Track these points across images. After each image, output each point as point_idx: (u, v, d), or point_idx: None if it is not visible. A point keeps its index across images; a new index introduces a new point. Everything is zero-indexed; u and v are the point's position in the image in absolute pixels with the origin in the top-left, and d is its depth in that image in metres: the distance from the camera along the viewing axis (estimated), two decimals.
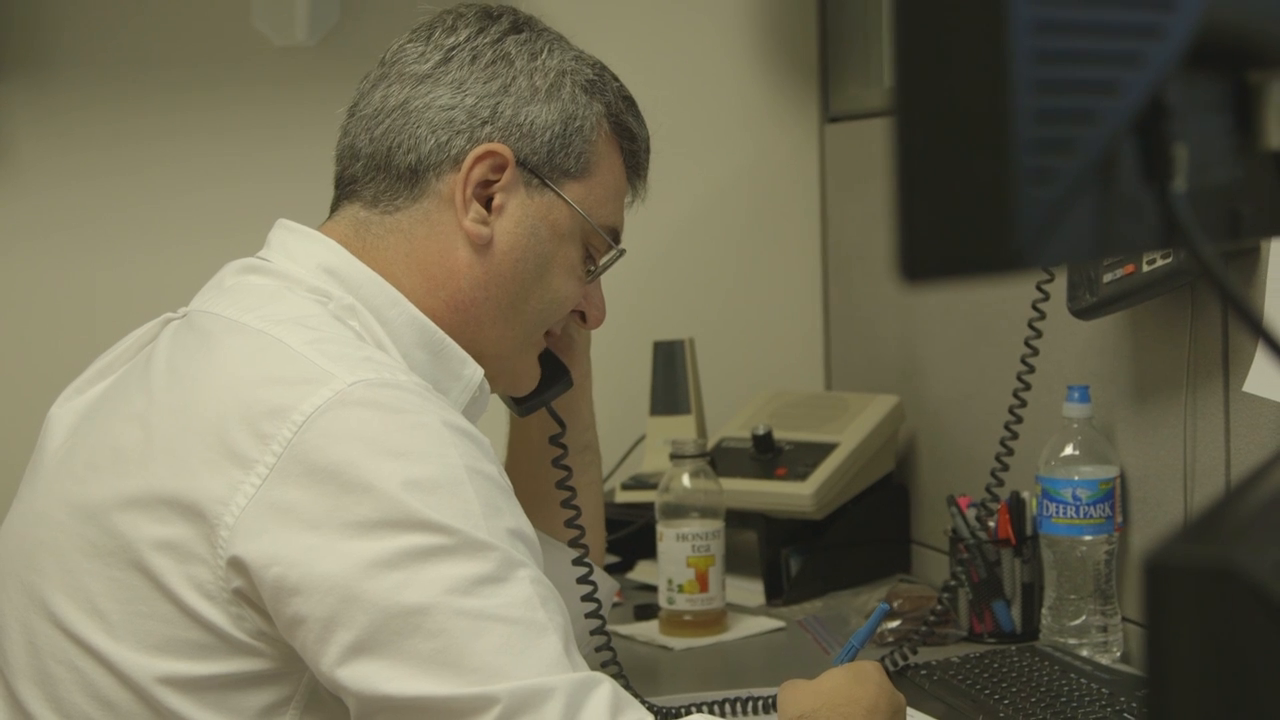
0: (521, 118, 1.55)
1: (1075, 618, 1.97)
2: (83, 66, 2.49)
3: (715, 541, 2.15)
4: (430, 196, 1.54)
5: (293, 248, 1.53)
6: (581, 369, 1.85)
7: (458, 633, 1.25)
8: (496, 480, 1.35)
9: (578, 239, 1.60)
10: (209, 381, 1.37)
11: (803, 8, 2.77)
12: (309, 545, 1.28)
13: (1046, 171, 0.58)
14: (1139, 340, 1.96)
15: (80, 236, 2.50)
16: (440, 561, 1.27)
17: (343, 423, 1.31)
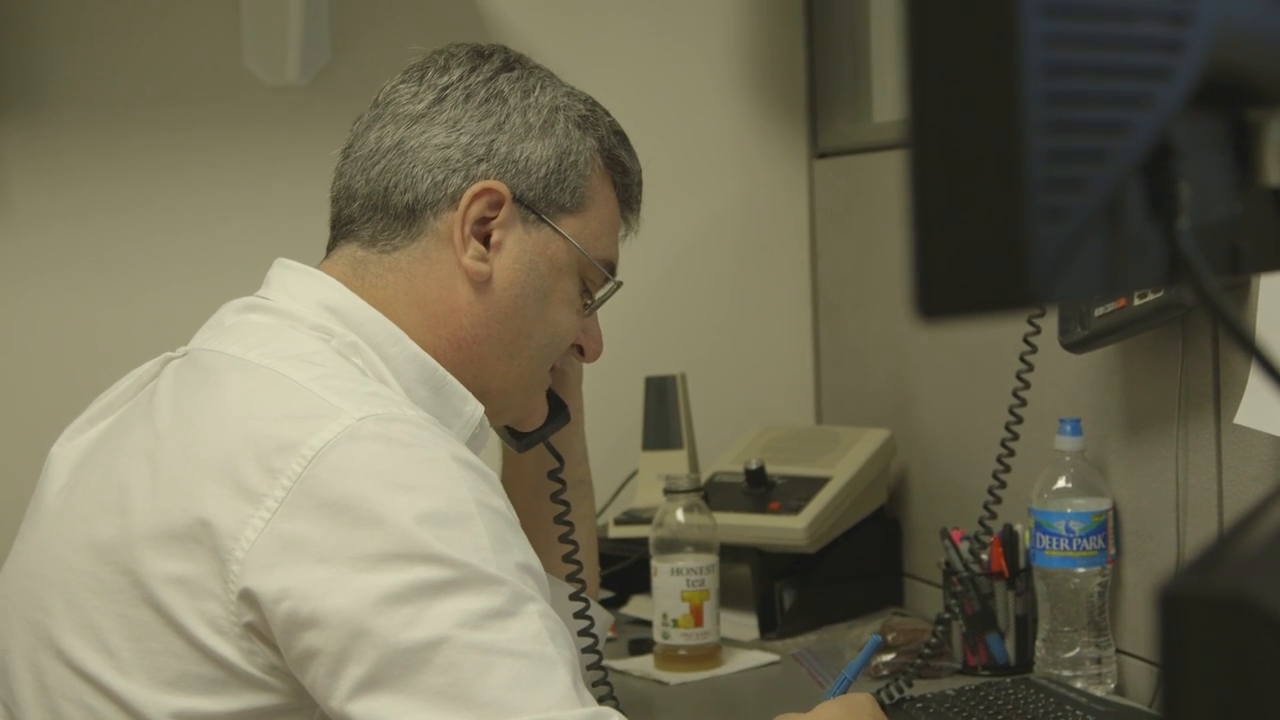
0: (517, 154, 1.57)
1: (1069, 650, 1.98)
2: (75, 107, 2.49)
3: (709, 576, 2.16)
4: (428, 235, 1.55)
5: (293, 286, 1.54)
6: (575, 404, 1.86)
7: (468, 667, 1.26)
8: (505, 515, 1.36)
9: (575, 273, 1.61)
10: (216, 417, 1.38)
11: (790, 44, 2.79)
12: (320, 579, 1.28)
13: (1059, 210, 0.60)
14: (1130, 373, 1.97)
15: (74, 276, 2.50)
16: (451, 596, 1.28)
17: (352, 457, 1.31)
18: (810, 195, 2.80)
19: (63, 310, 2.50)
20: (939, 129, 0.59)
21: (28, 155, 2.48)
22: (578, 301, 1.63)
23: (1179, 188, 0.69)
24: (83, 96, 2.50)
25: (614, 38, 2.73)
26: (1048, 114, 0.59)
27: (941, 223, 0.60)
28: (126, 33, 2.52)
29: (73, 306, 2.50)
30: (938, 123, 0.59)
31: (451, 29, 2.61)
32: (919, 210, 0.60)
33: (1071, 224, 0.60)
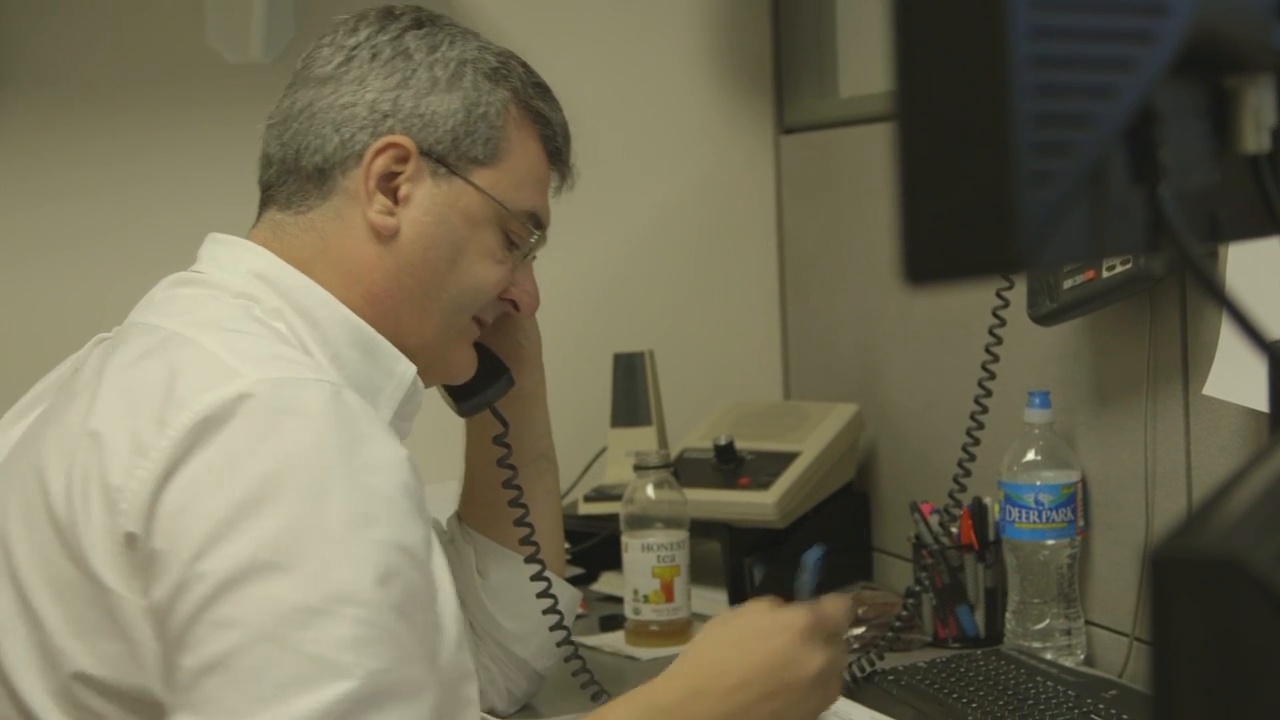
0: (422, 108, 1.58)
1: (1039, 621, 1.98)
2: (38, 89, 2.48)
3: (680, 552, 2.16)
4: (339, 194, 1.57)
5: (222, 257, 1.56)
6: (534, 377, 1.86)
7: (253, 658, 1.26)
8: (378, 491, 1.33)
9: (493, 224, 1.61)
10: (125, 379, 1.39)
11: (756, 20, 2.79)
12: (175, 532, 1.29)
13: (1046, 175, 0.60)
14: (1099, 345, 1.98)
15: (40, 258, 2.49)
16: (266, 581, 1.27)
17: (235, 420, 1.31)
18: (777, 171, 2.80)
19: (31, 290, 2.48)
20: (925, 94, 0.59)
21: None
22: (499, 253, 1.63)
23: (1161, 153, 0.69)
24: (45, 79, 2.48)
25: (579, 14, 2.72)
26: (1034, 78, 0.59)
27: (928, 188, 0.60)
28: (90, 12, 2.50)
29: (41, 287, 2.48)
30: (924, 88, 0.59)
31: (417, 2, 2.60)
32: (906, 176, 0.60)
33: (1058, 188, 0.60)
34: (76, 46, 2.50)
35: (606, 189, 2.74)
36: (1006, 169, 0.58)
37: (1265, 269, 1.57)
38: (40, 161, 2.49)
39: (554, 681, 1.94)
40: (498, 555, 1.87)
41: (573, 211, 2.72)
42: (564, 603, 1.85)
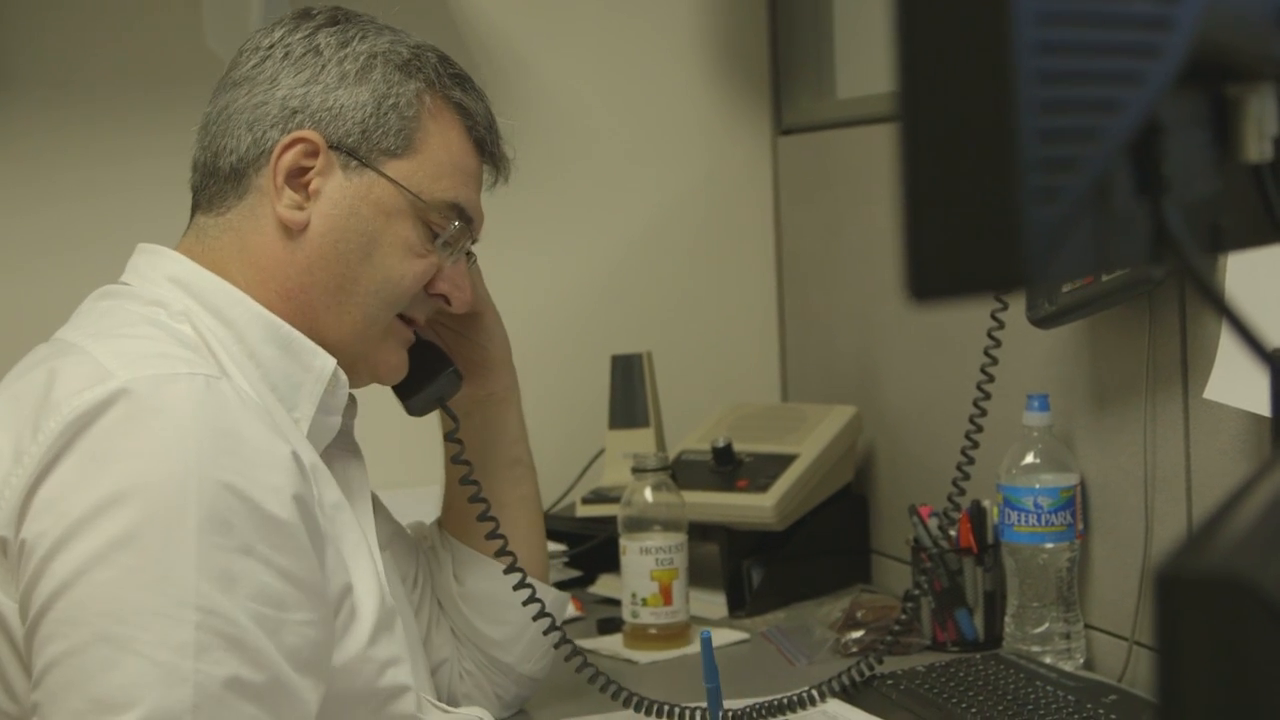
0: (330, 102, 1.58)
1: (1038, 625, 1.98)
2: (37, 89, 2.47)
3: (678, 554, 2.16)
4: (253, 192, 1.58)
5: (142, 267, 1.59)
6: (504, 381, 1.85)
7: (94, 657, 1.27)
8: (242, 490, 1.34)
9: (409, 216, 1.61)
10: (9, 390, 1.43)
11: (754, 22, 2.79)
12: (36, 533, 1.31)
13: (1051, 190, 0.59)
14: (1098, 349, 1.97)
15: (35, 259, 2.48)
16: (114, 579, 1.28)
17: (103, 420, 1.33)
18: (774, 172, 2.80)
19: (33, 292, 2.47)
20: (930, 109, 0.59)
21: None
22: (419, 246, 1.62)
23: (1165, 165, 0.68)
24: (44, 80, 2.48)
25: (577, 17, 2.72)
26: (1040, 93, 0.58)
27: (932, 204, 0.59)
28: (90, 14, 2.49)
29: (45, 289, 2.47)
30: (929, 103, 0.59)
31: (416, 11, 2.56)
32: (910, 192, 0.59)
33: (1063, 203, 0.60)
34: (78, 49, 2.49)
35: (604, 190, 2.74)
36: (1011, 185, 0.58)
37: (1265, 275, 1.57)
38: (40, 162, 2.48)
39: (554, 684, 1.93)
40: (473, 561, 1.87)
41: (571, 213, 2.73)
42: (551, 605, 1.84)
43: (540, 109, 2.66)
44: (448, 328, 1.80)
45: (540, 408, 2.09)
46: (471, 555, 1.86)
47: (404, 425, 1.90)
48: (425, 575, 1.86)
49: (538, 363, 2.25)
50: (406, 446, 2.12)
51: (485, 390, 1.83)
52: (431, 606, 1.85)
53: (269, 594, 1.33)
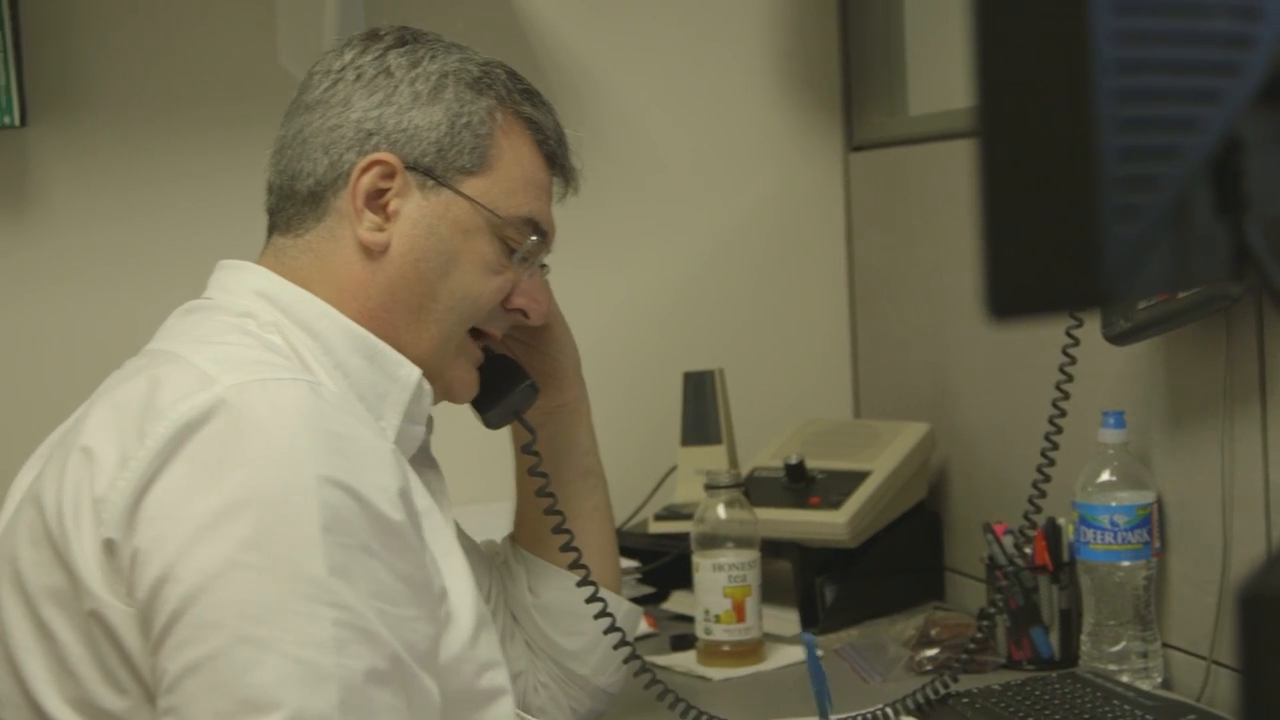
0: (405, 123, 1.60)
1: (1115, 644, 1.97)
2: (112, 108, 2.50)
3: (751, 571, 2.16)
4: (332, 214, 1.60)
5: (227, 281, 1.61)
6: (574, 392, 1.86)
7: (235, 660, 1.29)
8: (356, 493, 1.35)
9: (486, 233, 1.62)
10: (111, 397, 1.44)
11: (825, 37, 2.79)
12: (151, 537, 1.32)
13: (1131, 209, 0.59)
14: (1174, 365, 1.96)
15: (113, 276, 2.51)
16: (243, 581, 1.30)
17: (210, 424, 1.35)
18: (846, 189, 2.79)
19: (103, 310, 2.50)
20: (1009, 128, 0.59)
21: (66, 156, 2.49)
22: (496, 262, 1.63)
23: (1245, 183, 0.68)
24: (119, 98, 2.51)
25: (648, 33, 2.73)
26: (1120, 112, 0.58)
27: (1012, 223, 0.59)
28: (163, 33, 2.52)
29: (113, 306, 2.50)
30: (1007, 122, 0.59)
31: (487, 27, 2.61)
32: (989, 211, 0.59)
33: (1143, 222, 0.59)
34: (151, 68, 2.52)
35: (675, 206, 2.74)
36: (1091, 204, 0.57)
37: None
38: (113, 179, 2.51)
39: (625, 699, 1.93)
40: (546, 573, 1.87)
41: (642, 229, 2.74)
42: (622, 617, 1.85)
43: (611, 125, 2.67)
44: (517, 340, 1.81)
45: (612, 425, 2.09)
46: (545, 567, 1.87)
47: (472, 442, 1.91)
48: (499, 589, 1.87)
49: (609, 380, 2.25)
50: (475, 463, 2.13)
51: (556, 401, 1.84)
52: (505, 620, 1.86)
53: (385, 591, 1.35)
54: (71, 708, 1.38)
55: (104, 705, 1.36)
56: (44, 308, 2.49)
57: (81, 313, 2.50)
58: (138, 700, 1.35)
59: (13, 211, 2.47)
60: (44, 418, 2.45)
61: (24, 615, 1.41)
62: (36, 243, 2.48)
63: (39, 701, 1.39)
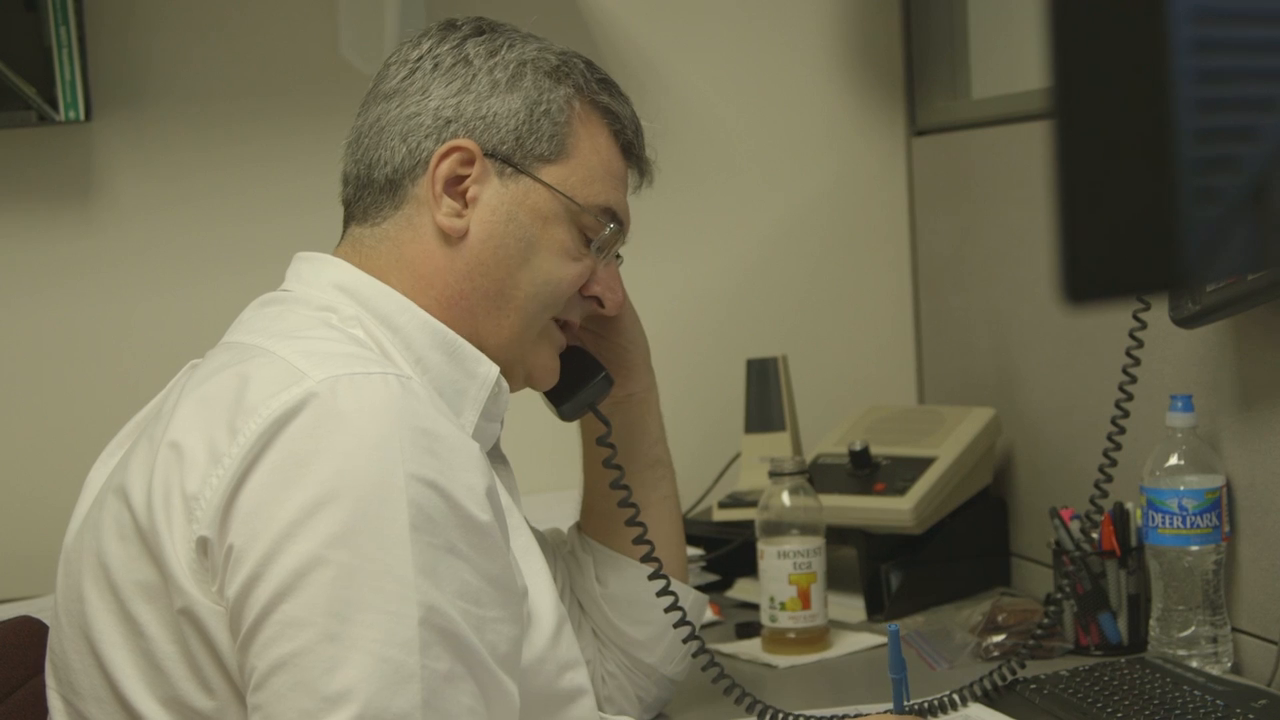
0: (484, 111, 1.60)
1: (1184, 629, 1.95)
2: (175, 102, 2.52)
3: (816, 558, 2.15)
4: (410, 202, 1.60)
5: (305, 274, 1.61)
6: (643, 382, 1.86)
7: (321, 655, 1.28)
8: (444, 491, 1.35)
9: (565, 221, 1.62)
10: (203, 391, 1.43)
11: (887, 21, 2.77)
12: (244, 538, 1.32)
13: (1210, 190, 0.58)
14: (1242, 348, 1.94)
15: (177, 267, 2.52)
16: (336, 575, 1.30)
17: (300, 419, 1.34)
18: (909, 173, 2.78)
19: (167, 301, 2.52)
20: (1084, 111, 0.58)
21: (131, 150, 2.50)
22: (574, 249, 1.64)
23: None
24: (183, 91, 2.52)
25: (709, 22, 2.72)
26: (1197, 92, 0.57)
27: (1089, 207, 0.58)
28: (224, 24, 2.54)
29: (177, 297, 2.52)
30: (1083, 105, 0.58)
31: (548, 16, 2.59)
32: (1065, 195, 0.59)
33: (1222, 203, 0.59)
34: (213, 62, 2.53)
35: (737, 193, 2.74)
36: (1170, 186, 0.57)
37: None
38: (177, 168, 2.52)
39: (689, 688, 1.93)
40: (615, 563, 1.87)
41: (704, 217, 2.73)
42: (688, 606, 1.85)
43: (673, 112, 2.66)
44: (587, 330, 1.81)
45: (676, 412, 2.09)
46: (613, 557, 1.87)
47: (536, 432, 1.91)
48: (565, 579, 1.87)
49: (673, 367, 2.25)
50: (538, 452, 2.14)
51: (625, 391, 1.84)
52: (572, 609, 1.86)
53: (470, 592, 1.35)
54: (161, 706, 1.37)
55: (193, 704, 1.36)
56: (109, 299, 2.51)
57: (146, 303, 2.52)
58: (226, 700, 1.35)
59: (79, 204, 2.49)
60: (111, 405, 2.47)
61: (111, 610, 1.41)
62: (102, 234, 2.50)
63: (128, 698, 1.39)
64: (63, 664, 1.47)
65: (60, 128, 2.44)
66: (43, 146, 2.48)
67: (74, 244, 2.50)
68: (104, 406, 2.50)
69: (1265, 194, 0.62)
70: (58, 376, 2.50)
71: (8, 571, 2.42)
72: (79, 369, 2.50)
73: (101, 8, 2.46)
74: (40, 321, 2.50)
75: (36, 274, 2.49)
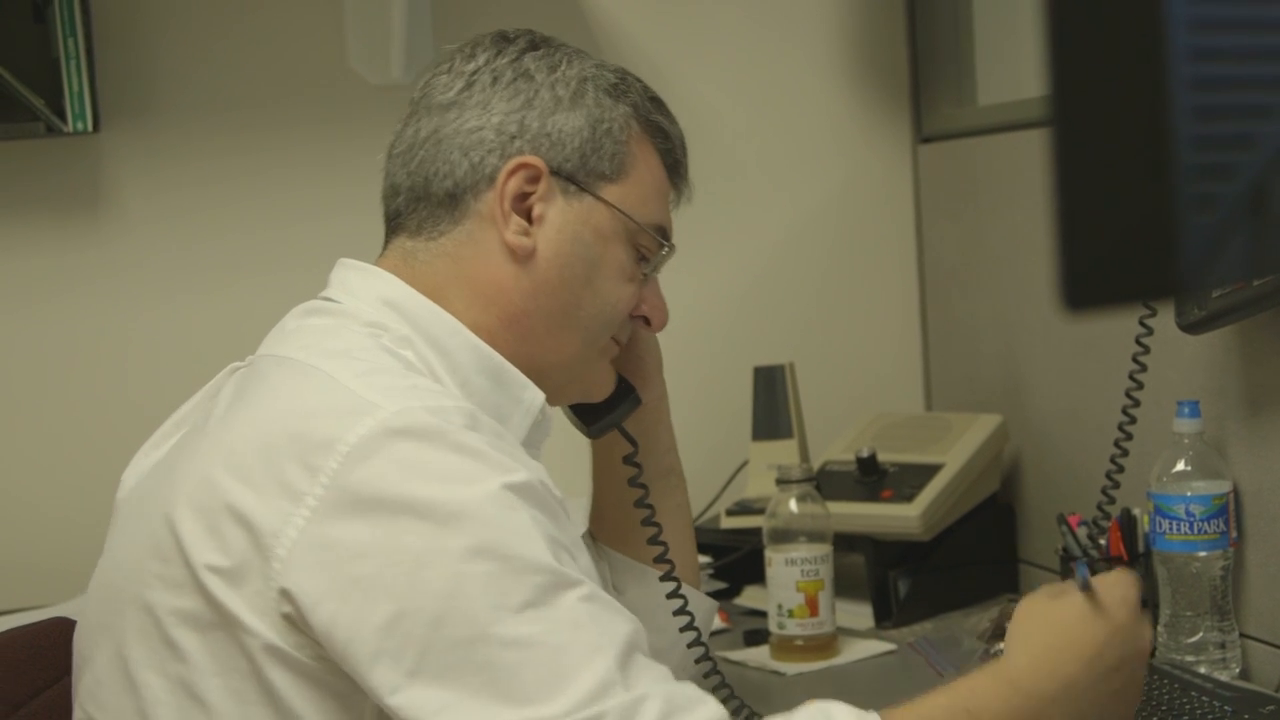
0: (549, 127, 1.57)
1: (1192, 634, 1.95)
2: (183, 112, 2.52)
3: (824, 565, 2.15)
4: (471, 217, 1.57)
5: (353, 284, 1.57)
6: (656, 391, 1.85)
7: (504, 662, 1.27)
8: (544, 498, 1.36)
9: (624, 240, 1.61)
10: (259, 415, 1.41)
11: (893, 28, 2.78)
12: (358, 577, 1.30)
13: (1207, 198, 0.59)
14: (1248, 354, 1.94)
15: (185, 278, 2.53)
16: (486, 587, 1.29)
17: (387, 452, 1.33)
18: (915, 180, 2.78)
19: (175, 312, 2.53)
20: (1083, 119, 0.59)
21: (139, 161, 2.51)
22: (631, 269, 1.62)
23: None
24: (191, 102, 2.53)
25: (714, 27, 2.73)
26: (1194, 100, 0.58)
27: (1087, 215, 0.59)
28: (232, 38, 2.55)
29: (185, 308, 2.53)
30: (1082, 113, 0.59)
31: (554, 24, 2.59)
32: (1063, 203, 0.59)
33: (1219, 210, 0.59)
34: (220, 70, 2.54)
35: (743, 201, 2.74)
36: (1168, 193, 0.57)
37: None
38: (185, 178, 2.53)
39: None
40: (634, 571, 1.87)
41: (710, 224, 2.73)
42: (700, 615, 1.84)
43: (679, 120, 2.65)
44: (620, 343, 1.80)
45: (684, 420, 2.08)
46: (629, 564, 1.87)
47: None
48: None
49: (680, 375, 2.24)
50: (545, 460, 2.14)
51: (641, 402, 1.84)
52: None
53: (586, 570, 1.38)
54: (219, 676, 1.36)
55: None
56: (118, 309, 2.52)
57: (154, 314, 2.52)
58: None
59: (87, 214, 2.50)
60: (119, 415, 2.48)
61: (147, 632, 1.39)
62: (110, 245, 2.51)
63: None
64: (91, 678, 1.46)
65: (68, 139, 2.45)
66: (51, 157, 2.48)
67: (82, 254, 2.50)
68: (112, 416, 2.51)
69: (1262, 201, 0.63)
70: (66, 386, 2.50)
71: (7, 581, 2.43)
72: (87, 379, 2.51)
73: (109, 19, 2.47)
74: (49, 332, 2.50)
75: (45, 284, 2.50)
